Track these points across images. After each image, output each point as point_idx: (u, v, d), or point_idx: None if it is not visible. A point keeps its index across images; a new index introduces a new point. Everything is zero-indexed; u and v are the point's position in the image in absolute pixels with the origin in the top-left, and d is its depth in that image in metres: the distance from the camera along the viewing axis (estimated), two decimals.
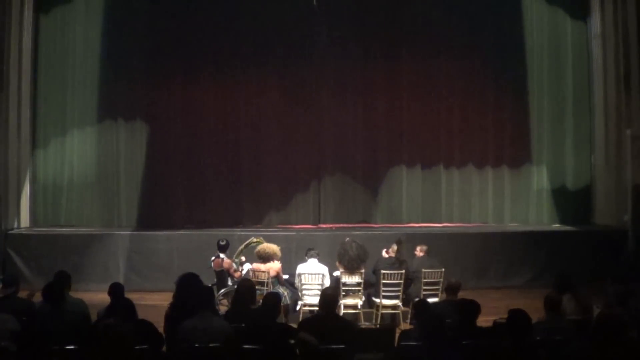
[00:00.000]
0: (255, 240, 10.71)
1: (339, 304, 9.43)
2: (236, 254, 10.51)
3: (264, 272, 9.87)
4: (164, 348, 6.41)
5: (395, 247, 10.34)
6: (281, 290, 9.72)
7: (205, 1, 14.44)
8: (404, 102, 14.85)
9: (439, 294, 9.92)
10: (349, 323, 7.02)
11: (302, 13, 14.35)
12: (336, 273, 10.29)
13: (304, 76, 14.64)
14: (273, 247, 10.16)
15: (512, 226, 14.58)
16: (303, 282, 9.96)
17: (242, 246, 10.66)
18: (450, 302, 7.77)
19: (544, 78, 14.94)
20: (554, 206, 14.83)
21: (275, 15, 14.47)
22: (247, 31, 14.42)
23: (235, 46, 14.48)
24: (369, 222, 14.64)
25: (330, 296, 6.95)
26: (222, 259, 10.26)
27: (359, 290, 10.04)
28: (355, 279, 10.02)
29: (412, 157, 14.84)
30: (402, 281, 9.95)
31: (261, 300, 6.96)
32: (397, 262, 10.14)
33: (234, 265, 10.34)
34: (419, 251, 10.67)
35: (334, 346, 5.99)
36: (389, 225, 14.43)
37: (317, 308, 7.96)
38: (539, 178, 14.89)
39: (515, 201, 14.91)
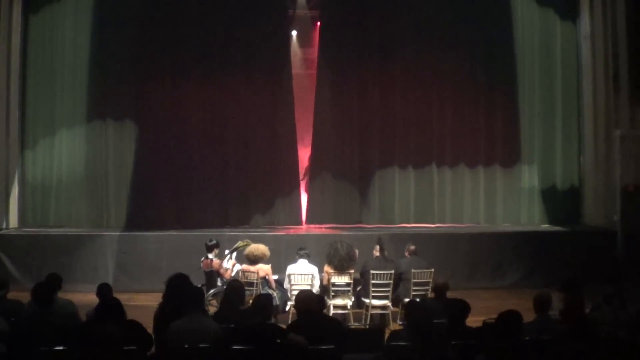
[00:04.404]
0: (241, 244, 10.64)
1: (327, 304, 9.44)
2: (225, 259, 10.45)
3: (253, 272, 9.85)
4: (152, 349, 6.39)
5: (377, 247, 10.34)
6: (270, 291, 9.69)
7: (194, 0, 14.40)
8: (396, 102, 14.85)
9: (428, 294, 9.93)
10: (338, 323, 7.01)
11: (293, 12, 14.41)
12: (321, 275, 10.21)
13: (295, 76, 14.62)
14: (261, 249, 10.12)
15: (503, 226, 14.60)
16: (292, 282, 9.93)
17: (228, 253, 10.57)
18: (438, 301, 7.79)
19: (534, 78, 15.00)
20: (544, 206, 14.88)
21: (266, 15, 14.43)
22: (236, 30, 14.35)
23: (223, 46, 14.41)
24: (360, 223, 14.62)
25: (308, 298, 6.95)
26: (211, 259, 10.23)
27: (348, 291, 10.03)
28: (345, 279, 10.01)
29: (404, 158, 14.84)
30: (391, 281, 9.96)
31: (251, 302, 6.94)
32: (383, 261, 10.15)
33: (224, 266, 10.31)
34: (407, 251, 10.68)
35: (324, 347, 5.98)
36: (380, 225, 14.42)
37: None
38: (530, 178, 14.94)
39: (507, 201, 14.94)
